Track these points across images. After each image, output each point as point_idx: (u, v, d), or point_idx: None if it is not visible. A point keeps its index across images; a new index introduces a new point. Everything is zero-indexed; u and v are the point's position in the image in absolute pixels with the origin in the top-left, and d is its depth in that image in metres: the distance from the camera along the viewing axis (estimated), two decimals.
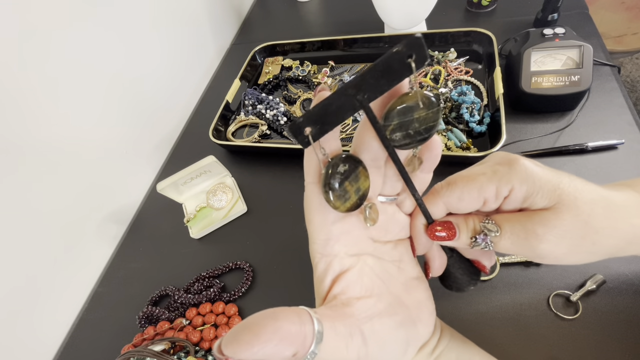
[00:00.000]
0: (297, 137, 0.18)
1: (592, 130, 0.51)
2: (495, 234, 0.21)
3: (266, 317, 0.17)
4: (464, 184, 0.21)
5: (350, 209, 0.19)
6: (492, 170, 0.21)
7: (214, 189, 0.58)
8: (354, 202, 0.19)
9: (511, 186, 0.21)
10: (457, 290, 0.26)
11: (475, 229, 0.22)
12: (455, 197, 0.22)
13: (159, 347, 0.42)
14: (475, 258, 0.25)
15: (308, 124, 0.18)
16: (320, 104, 0.17)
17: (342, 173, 0.19)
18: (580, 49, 0.50)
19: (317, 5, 0.93)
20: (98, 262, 0.57)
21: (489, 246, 0.22)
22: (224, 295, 0.47)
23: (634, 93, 1.30)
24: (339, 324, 0.19)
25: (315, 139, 0.18)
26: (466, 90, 0.56)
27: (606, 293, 0.38)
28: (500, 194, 0.21)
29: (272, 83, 0.72)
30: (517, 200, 0.21)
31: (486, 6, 0.73)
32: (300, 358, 0.17)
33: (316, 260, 0.22)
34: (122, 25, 0.60)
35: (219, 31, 0.88)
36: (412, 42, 0.16)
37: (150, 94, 0.66)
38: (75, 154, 0.52)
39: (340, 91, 0.17)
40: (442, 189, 0.22)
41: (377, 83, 0.17)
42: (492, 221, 0.22)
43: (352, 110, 0.18)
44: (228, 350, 0.16)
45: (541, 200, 0.21)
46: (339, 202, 0.19)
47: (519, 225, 0.21)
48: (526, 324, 0.38)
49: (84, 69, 0.53)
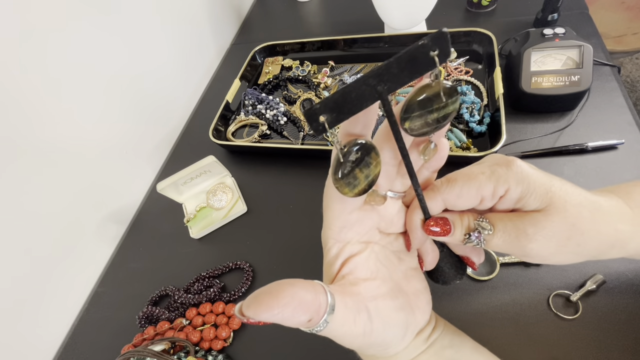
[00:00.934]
0: (311, 123, 0.18)
1: (592, 130, 0.51)
2: (488, 232, 0.22)
3: (285, 283, 0.18)
4: (463, 181, 0.22)
5: (358, 194, 0.20)
6: (490, 170, 0.22)
7: (214, 189, 0.58)
8: (363, 188, 0.20)
9: (508, 186, 0.21)
10: (443, 283, 0.27)
11: (469, 226, 0.23)
12: (455, 194, 0.22)
13: (159, 347, 0.42)
14: (465, 254, 0.26)
15: (325, 111, 0.18)
16: (340, 91, 0.17)
17: (354, 161, 0.19)
18: (580, 49, 0.50)
19: (317, 5, 0.93)
20: (98, 262, 0.57)
21: (481, 243, 0.23)
22: (224, 295, 0.47)
23: (634, 93, 1.30)
24: (348, 299, 0.21)
25: (331, 126, 0.18)
26: (466, 90, 0.56)
27: (606, 293, 0.38)
28: (497, 193, 0.22)
29: (272, 83, 0.72)
30: (512, 201, 0.22)
31: (486, 6, 0.73)
32: (313, 324, 0.19)
33: (329, 245, 0.23)
34: (122, 26, 0.60)
35: (219, 31, 0.88)
36: (438, 36, 0.16)
37: (150, 94, 0.67)
38: (75, 154, 0.52)
39: (362, 80, 0.17)
40: (442, 185, 0.23)
41: (399, 74, 0.17)
42: (486, 220, 0.23)
43: (370, 101, 0.17)
44: (249, 312, 0.17)
45: (534, 202, 0.22)
46: (347, 189, 0.19)
47: (511, 224, 0.22)
48: (526, 324, 0.38)
49: (84, 69, 0.53)
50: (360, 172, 0.19)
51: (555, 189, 0.22)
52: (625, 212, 0.23)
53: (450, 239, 0.23)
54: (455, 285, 0.41)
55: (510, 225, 0.22)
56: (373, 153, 0.19)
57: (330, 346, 0.40)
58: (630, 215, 0.23)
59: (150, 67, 0.66)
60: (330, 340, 0.21)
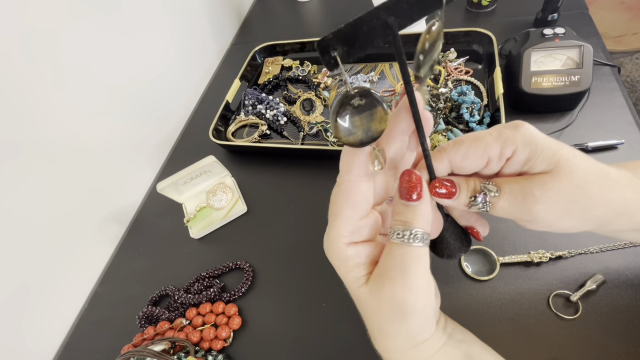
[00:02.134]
0: (324, 56, 0.18)
1: (592, 130, 0.51)
2: (494, 194, 0.22)
3: None
4: (470, 142, 0.22)
5: (351, 144, 0.20)
6: (497, 132, 0.22)
7: (214, 189, 0.58)
8: (358, 139, 0.19)
9: (515, 147, 0.22)
10: (448, 257, 0.26)
11: (475, 188, 0.23)
12: (461, 155, 0.22)
13: (159, 347, 0.42)
14: (470, 224, 0.26)
15: (337, 43, 0.17)
16: (351, 22, 0.17)
17: (355, 107, 0.18)
18: (580, 49, 0.50)
19: (317, 5, 0.93)
20: (98, 262, 0.57)
21: (486, 206, 0.23)
22: (224, 295, 0.47)
23: (634, 93, 1.30)
24: None
25: (343, 61, 0.18)
26: (466, 90, 0.56)
27: (606, 293, 0.38)
28: (504, 155, 0.22)
29: (272, 83, 0.72)
30: (519, 163, 0.22)
31: (486, 6, 0.73)
32: None
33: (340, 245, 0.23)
34: (122, 26, 0.60)
35: (219, 31, 0.88)
36: None
37: (150, 94, 0.66)
38: (75, 154, 0.52)
39: (372, 12, 0.17)
40: (449, 146, 0.23)
41: (409, 10, 0.17)
42: (492, 182, 0.23)
43: (381, 36, 0.18)
44: None
45: (541, 164, 0.22)
46: (342, 134, 0.19)
47: (518, 186, 0.22)
48: (526, 324, 0.38)
49: (84, 69, 0.53)
50: (360, 121, 0.19)
51: (563, 152, 0.21)
52: (633, 182, 0.23)
53: (455, 202, 0.23)
54: (456, 285, 0.41)
55: (517, 187, 0.22)
56: (380, 108, 0.19)
57: (331, 346, 0.41)
58: (639, 185, 0.23)
59: (150, 67, 0.66)
60: (330, 340, 0.21)
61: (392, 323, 0.22)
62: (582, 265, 0.40)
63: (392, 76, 0.66)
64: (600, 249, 0.40)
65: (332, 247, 0.23)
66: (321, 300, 0.44)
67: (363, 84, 0.65)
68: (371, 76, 0.67)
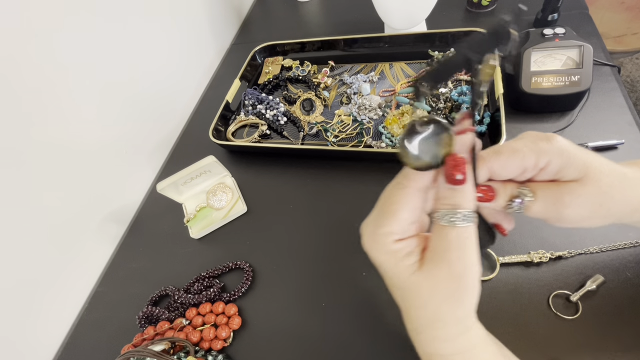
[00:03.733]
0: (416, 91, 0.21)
1: (592, 130, 0.51)
2: (530, 199, 0.25)
3: None
4: (509, 153, 0.25)
5: (419, 169, 0.21)
6: (533, 144, 0.25)
7: (214, 189, 0.58)
8: (426, 163, 0.21)
9: (549, 159, 0.24)
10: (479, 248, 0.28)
11: (512, 193, 0.26)
12: (500, 164, 0.25)
13: (159, 347, 0.42)
14: (497, 221, 0.28)
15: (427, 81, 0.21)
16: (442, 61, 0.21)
17: (420, 133, 0.20)
18: (580, 49, 0.50)
19: (317, 5, 0.93)
20: (98, 262, 0.57)
21: (522, 209, 0.26)
22: (224, 295, 0.47)
23: (634, 93, 1.30)
24: None
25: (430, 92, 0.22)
26: (466, 90, 0.56)
27: (606, 293, 0.38)
28: (539, 165, 0.25)
29: (272, 83, 0.72)
30: (552, 172, 0.25)
31: (486, 6, 0.73)
32: None
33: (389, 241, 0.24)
34: (122, 26, 0.60)
35: (219, 31, 0.88)
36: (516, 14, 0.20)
37: (150, 94, 0.66)
38: (75, 154, 0.52)
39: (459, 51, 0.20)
40: (489, 156, 0.25)
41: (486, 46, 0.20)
42: (528, 188, 0.26)
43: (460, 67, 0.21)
44: None
45: (572, 173, 0.24)
46: (411, 160, 0.21)
47: (550, 192, 0.25)
48: (526, 324, 0.38)
49: (84, 70, 0.53)
50: (428, 147, 0.21)
51: (591, 162, 0.24)
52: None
53: (493, 205, 0.26)
54: None
55: (550, 193, 0.25)
56: (445, 135, 0.20)
57: (331, 346, 0.41)
58: None
59: (150, 67, 0.66)
60: (329, 340, 0.21)
61: (450, 303, 0.23)
62: (582, 265, 0.40)
63: (391, 76, 0.66)
64: (600, 249, 0.40)
65: (380, 243, 0.24)
66: (321, 300, 0.44)
67: (363, 83, 0.65)
68: (371, 76, 0.67)
